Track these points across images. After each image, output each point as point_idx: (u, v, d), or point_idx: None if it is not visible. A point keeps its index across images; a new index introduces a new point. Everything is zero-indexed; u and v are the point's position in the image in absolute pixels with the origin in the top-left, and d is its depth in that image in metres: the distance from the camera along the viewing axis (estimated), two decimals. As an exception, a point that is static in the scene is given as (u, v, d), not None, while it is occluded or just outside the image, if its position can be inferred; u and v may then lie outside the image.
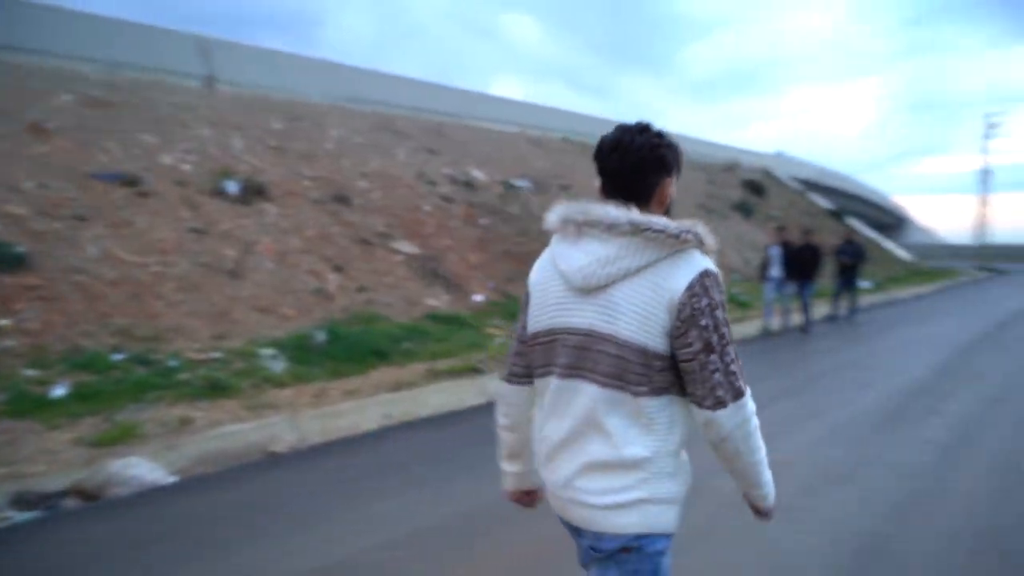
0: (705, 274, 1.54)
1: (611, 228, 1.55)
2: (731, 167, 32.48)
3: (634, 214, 1.55)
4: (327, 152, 13.65)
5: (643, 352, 1.53)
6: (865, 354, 10.27)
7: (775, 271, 11.92)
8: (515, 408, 1.86)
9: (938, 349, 10.09)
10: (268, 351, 7.45)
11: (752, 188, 30.50)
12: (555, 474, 1.68)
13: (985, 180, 47.42)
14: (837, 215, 35.95)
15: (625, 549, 1.58)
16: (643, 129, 1.65)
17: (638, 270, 1.54)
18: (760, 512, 1.77)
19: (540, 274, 1.76)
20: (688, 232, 1.54)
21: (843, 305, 14.33)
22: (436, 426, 6.25)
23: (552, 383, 1.67)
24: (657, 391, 1.55)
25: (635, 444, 1.56)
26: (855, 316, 14.47)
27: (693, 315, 1.51)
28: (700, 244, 1.57)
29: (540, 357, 1.72)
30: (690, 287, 1.52)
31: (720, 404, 1.53)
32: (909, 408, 6.81)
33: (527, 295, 1.79)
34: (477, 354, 8.38)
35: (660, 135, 1.65)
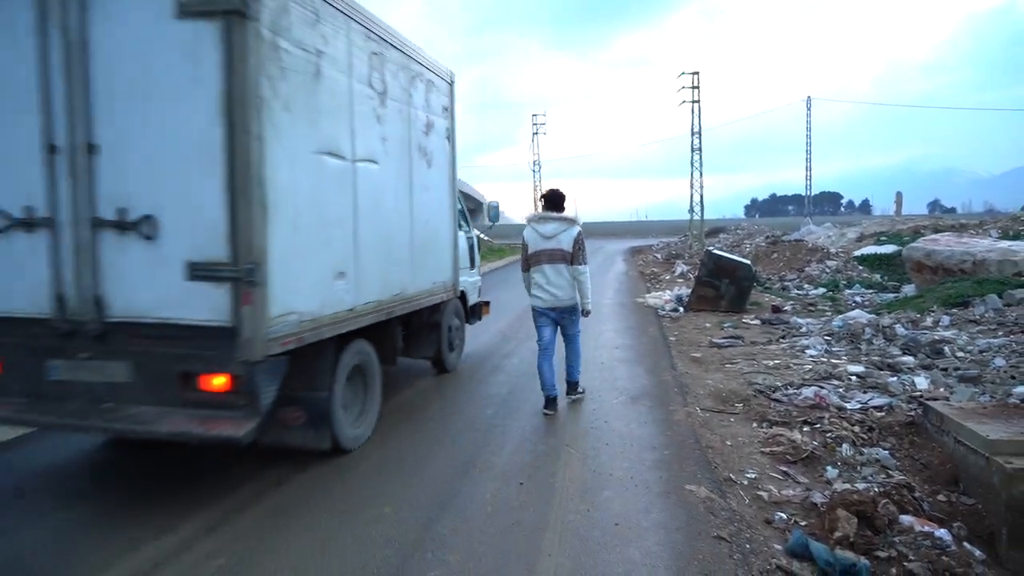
0: (581, 231, 6.01)
1: (554, 219, 5.99)
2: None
3: (559, 214, 6.04)
4: None
5: (570, 253, 5.90)
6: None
7: None
8: (528, 277, 6.13)
9: (503, 316, 11.52)
10: None
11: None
12: (550, 292, 5.94)
13: (536, 170, 56.75)
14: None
15: (571, 308, 6.09)
16: (558, 189, 6.18)
17: (564, 230, 5.92)
18: (585, 312, 6.13)
19: (528, 234, 6.05)
20: (575, 219, 6.07)
21: None
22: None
23: (545, 266, 5.93)
24: (570, 263, 5.91)
25: (570, 276, 5.96)
26: None
27: (577, 241, 5.92)
28: (579, 222, 6.08)
29: (535, 260, 5.99)
30: (578, 234, 5.95)
31: (581, 263, 5.92)
32: (482, 367, 7.74)
33: (525, 243, 6.07)
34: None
35: (563, 192, 6.13)
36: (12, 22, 3.87)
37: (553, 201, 6.03)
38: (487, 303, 9.03)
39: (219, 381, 3.83)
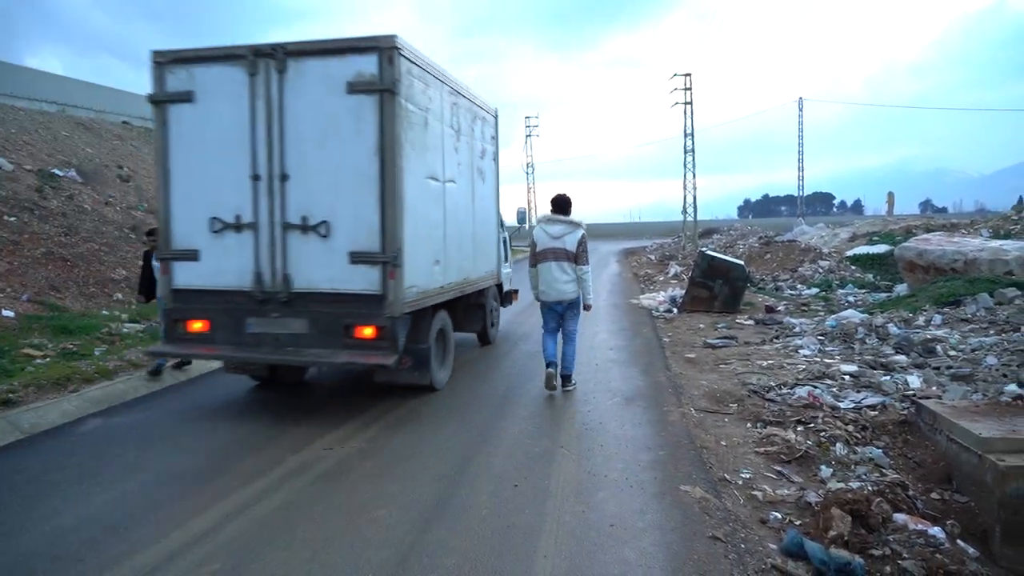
0: (584, 233, 6.74)
1: (561, 221, 6.70)
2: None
3: (566, 218, 6.75)
4: None
5: (574, 253, 6.59)
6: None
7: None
8: (535, 272, 6.75)
9: (507, 311, 11.49)
10: None
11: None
12: (556, 288, 6.63)
13: (529, 172, 56.73)
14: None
15: (573, 302, 6.75)
16: (565, 194, 6.86)
17: (569, 232, 6.64)
18: (587, 307, 6.89)
19: (537, 233, 6.77)
20: (580, 222, 6.75)
21: None
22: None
23: (551, 263, 6.59)
24: (574, 261, 6.59)
25: (574, 274, 6.62)
26: None
27: (580, 243, 6.62)
28: (583, 226, 6.74)
29: (541, 257, 6.67)
30: (581, 236, 6.67)
31: (584, 264, 6.63)
32: (494, 351, 7.73)
33: (533, 241, 6.78)
34: (4, 383, 6.73)
35: (569, 197, 6.86)
36: (232, 94, 5.76)
37: (560, 205, 6.80)
38: (516, 291, 10.82)
39: (368, 331, 5.66)
